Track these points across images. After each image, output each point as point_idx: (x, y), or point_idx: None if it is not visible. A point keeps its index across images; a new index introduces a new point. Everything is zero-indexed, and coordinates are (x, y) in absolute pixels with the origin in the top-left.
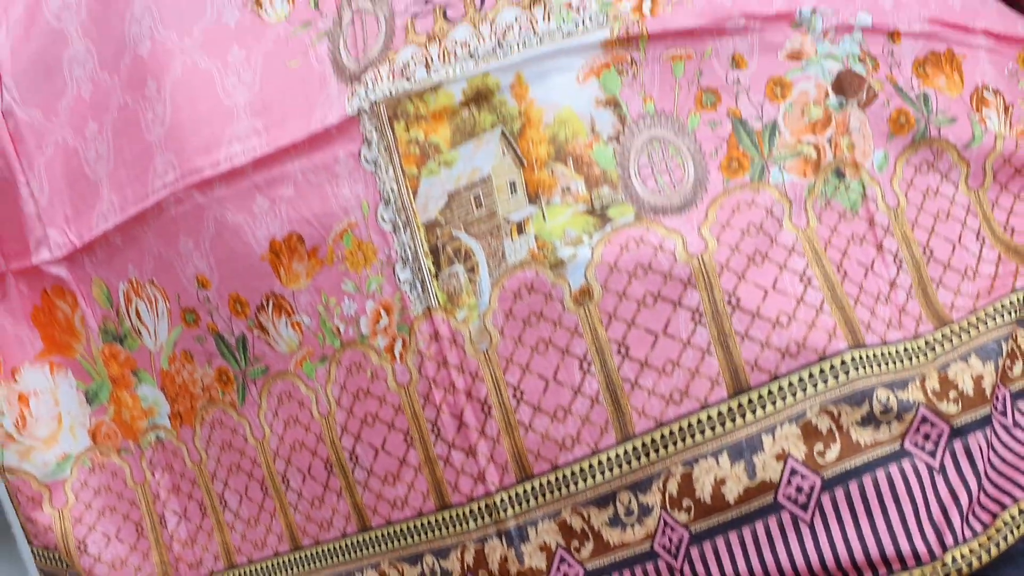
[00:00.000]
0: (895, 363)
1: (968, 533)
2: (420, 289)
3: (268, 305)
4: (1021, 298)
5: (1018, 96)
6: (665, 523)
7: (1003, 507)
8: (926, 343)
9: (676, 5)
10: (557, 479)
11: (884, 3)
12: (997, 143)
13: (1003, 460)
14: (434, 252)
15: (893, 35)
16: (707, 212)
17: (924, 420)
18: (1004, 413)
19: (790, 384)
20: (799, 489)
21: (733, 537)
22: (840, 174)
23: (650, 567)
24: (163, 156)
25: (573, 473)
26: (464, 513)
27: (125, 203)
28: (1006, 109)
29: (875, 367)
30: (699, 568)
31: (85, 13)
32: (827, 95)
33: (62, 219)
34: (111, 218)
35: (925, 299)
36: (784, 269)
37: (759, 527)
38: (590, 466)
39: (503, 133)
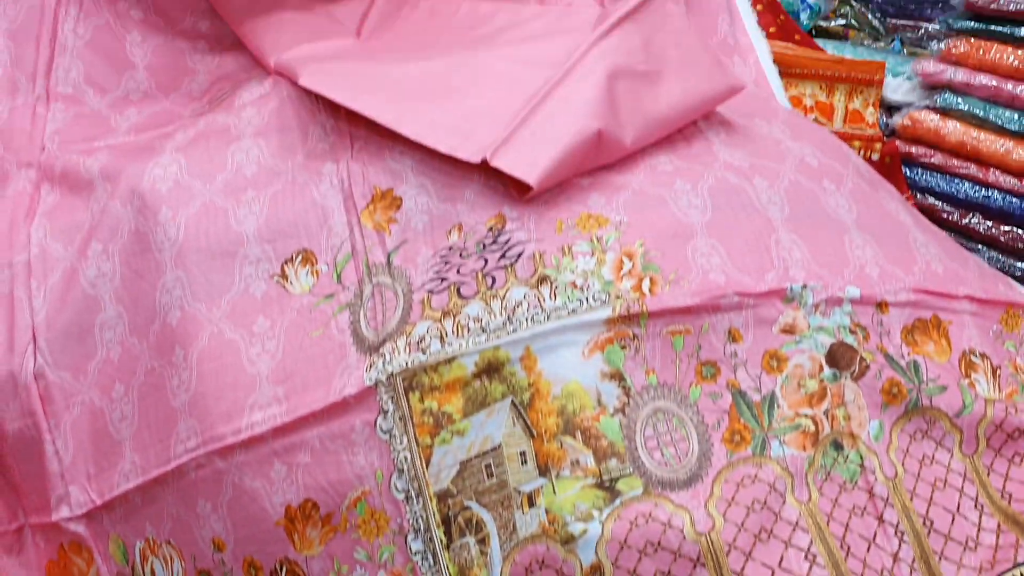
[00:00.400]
0: None
1: None
2: (432, 561)
3: (281, 570)
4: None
5: (1004, 358)
6: None
7: None
8: None
9: (673, 284)
10: None
11: (871, 274)
12: (988, 410)
13: None
14: (446, 522)
15: (881, 305)
16: (712, 487)
17: None
18: None
19: None
20: None
21: None
22: (838, 446)
23: None
24: (186, 422)
25: None
26: None
27: (147, 465)
28: (994, 372)
29: None
30: None
31: (119, 280)
32: (821, 368)
33: (84, 477)
34: (132, 478)
35: (928, 572)
36: (789, 546)
37: None
38: None
39: (513, 403)
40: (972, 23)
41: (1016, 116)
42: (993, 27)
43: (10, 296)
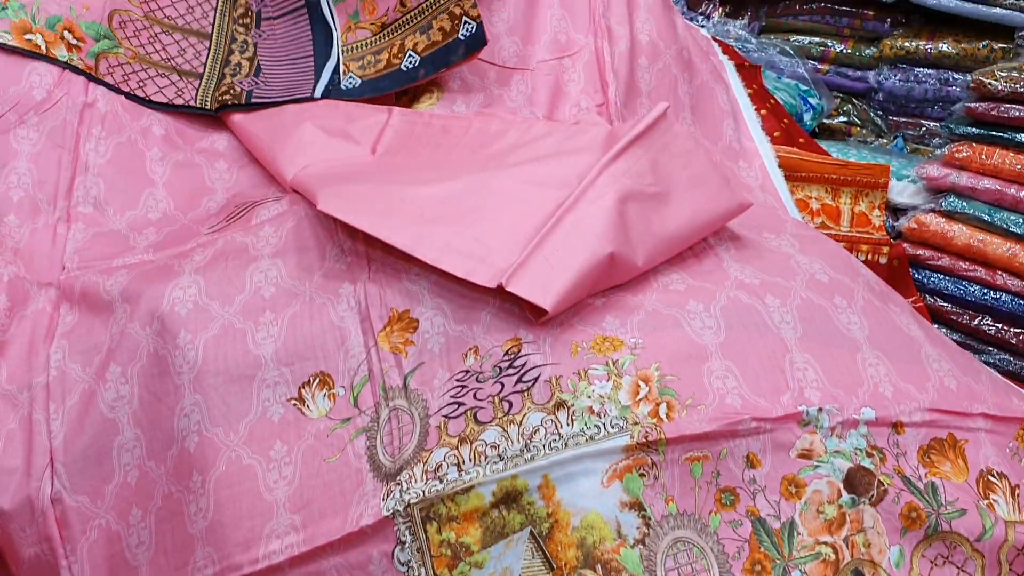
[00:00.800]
0: None
1: None
2: None
3: None
4: None
5: (1022, 476)
6: None
7: None
8: None
9: (690, 409)
10: None
11: (885, 393)
12: (1009, 533)
13: None
14: None
15: (896, 426)
16: None
17: None
18: None
19: None
20: None
21: None
22: (859, 574)
23: None
24: (203, 549)
25: None
26: None
27: None
28: (1012, 492)
29: None
30: None
31: (137, 403)
32: (840, 493)
33: None
34: None
35: None
36: None
37: None
38: None
39: (532, 534)
40: (974, 128)
41: (1021, 219)
42: (994, 133)
43: (28, 419)
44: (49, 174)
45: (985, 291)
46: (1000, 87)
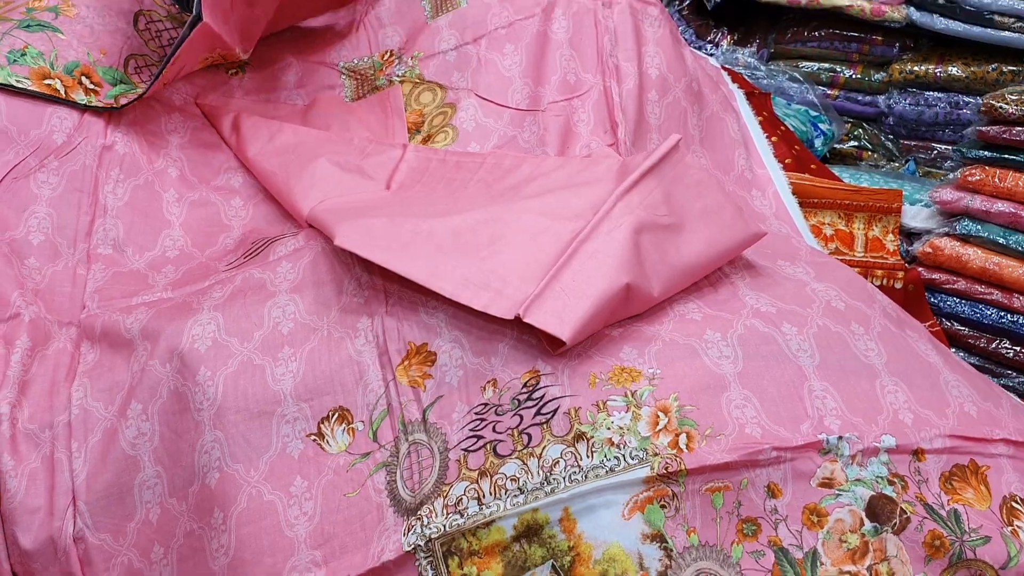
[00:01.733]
0: None
1: None
2: None
3: None
4: None
5: None
6: None
7: None
8: None
9: (711, 439)
10: None
11: (904, 420)
12: None
13: None
14: None
15: (917, 453)
16: None
17: None
18: None
19: None
20: None
21: None
22: None
23: None
24: None
25: None
26: None
27: None
28: None
29: None
30: None
31: (158, 440)
32: (862, 522)
33: None
34: None
35: None
36: None
37: None
38: None
39: (554, 567)
40: (986, 152)
41: None
42: (1007, 156)
43: (51, 458)
44: (69, 217)
45: (1002, 314)
46: (1011, 110)
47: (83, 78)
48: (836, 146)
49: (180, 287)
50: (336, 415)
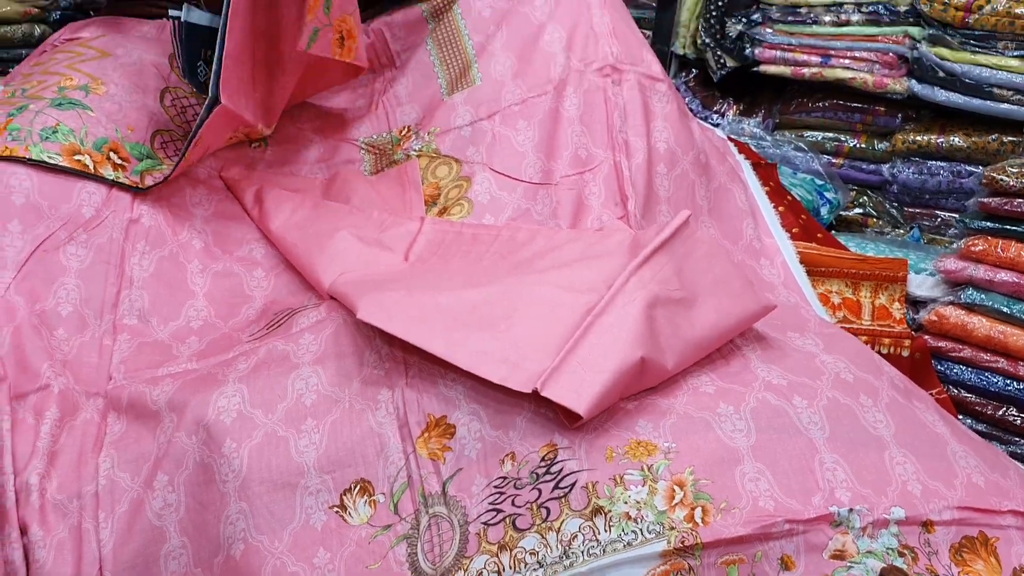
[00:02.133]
0: None
1: None
2: None
3: None
4: None
5: None
6: None
7: None
8: None
9: (725, 512)
10: None
11: (913, 491)
12: None
13: None
14: None
15: (927, 525)
16: None
17: None
18: None
19: None
20: None
21: None
22: None
23: None
24: None
25: None
26: None
27: None
28: None
29: None
30: None
31: (184, 511)
32: None
33: None
34: None
35: None
36: None
37: None
38: None
39: None
40: (988, 223)
41: None
42: (1008, 227)
43: (78, 528)
44: (96, 289)
45: (1008, 382)
46: (1012, 183)
47: (111, 154)
48: (842, 213)
49: (205, 358)
50: (358, 487)
